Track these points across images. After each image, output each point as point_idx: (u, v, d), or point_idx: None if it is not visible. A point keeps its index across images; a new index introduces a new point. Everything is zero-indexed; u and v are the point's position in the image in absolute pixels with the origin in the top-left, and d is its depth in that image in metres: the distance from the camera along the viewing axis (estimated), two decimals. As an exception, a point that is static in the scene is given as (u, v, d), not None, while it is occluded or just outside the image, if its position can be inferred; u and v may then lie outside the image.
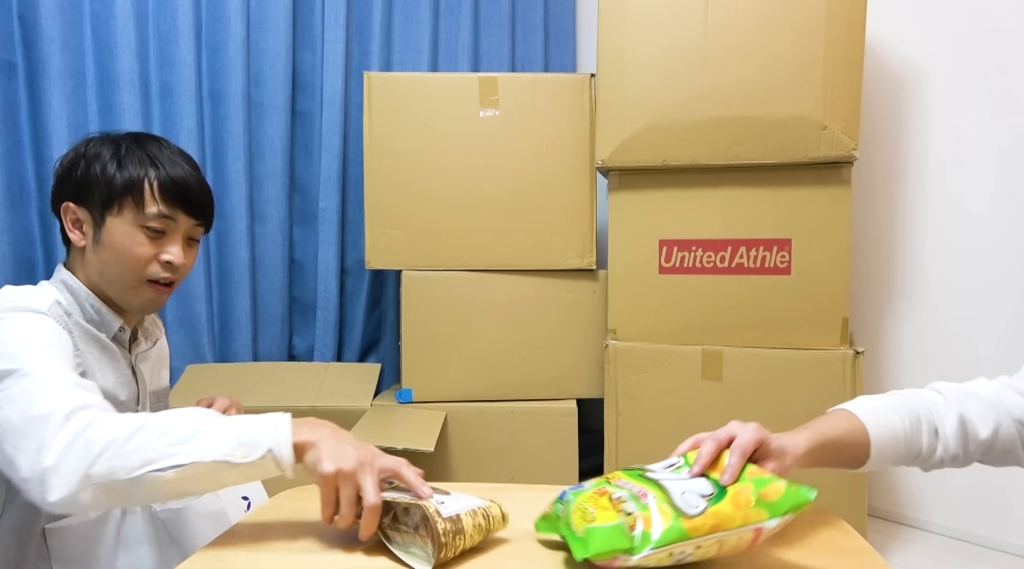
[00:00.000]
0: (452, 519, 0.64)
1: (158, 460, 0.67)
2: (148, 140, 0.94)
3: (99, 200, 0.89)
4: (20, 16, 1.37)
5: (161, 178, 0.90)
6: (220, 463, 0.68)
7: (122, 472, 0.67)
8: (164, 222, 0.91)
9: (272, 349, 1.81)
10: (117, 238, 0.89)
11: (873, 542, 0.78)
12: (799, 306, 1.43)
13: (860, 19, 1.36)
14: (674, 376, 1.50)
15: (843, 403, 0.80)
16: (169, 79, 1.58)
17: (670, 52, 1.45)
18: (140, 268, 0.90)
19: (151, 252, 0.90)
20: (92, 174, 0.89)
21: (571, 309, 1.68)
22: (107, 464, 0.67)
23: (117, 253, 0.89)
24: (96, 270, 0.91)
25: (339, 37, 1.80)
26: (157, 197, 0.90)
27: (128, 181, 0.89)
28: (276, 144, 1.75)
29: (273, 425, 0.71)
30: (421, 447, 1.38)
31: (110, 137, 0.93)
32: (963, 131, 1.50)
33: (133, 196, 0.89)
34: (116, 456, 0.67)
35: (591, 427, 1.76)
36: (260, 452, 0.69)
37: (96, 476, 0.67)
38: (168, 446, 0.68)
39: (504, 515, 0.70)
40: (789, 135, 1.39)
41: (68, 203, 0.91)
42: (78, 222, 0.91)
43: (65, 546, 0.82)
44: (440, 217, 1.65)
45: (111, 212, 0.89)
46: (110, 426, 0.69)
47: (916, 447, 0.77)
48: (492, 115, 1.65)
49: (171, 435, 0.69)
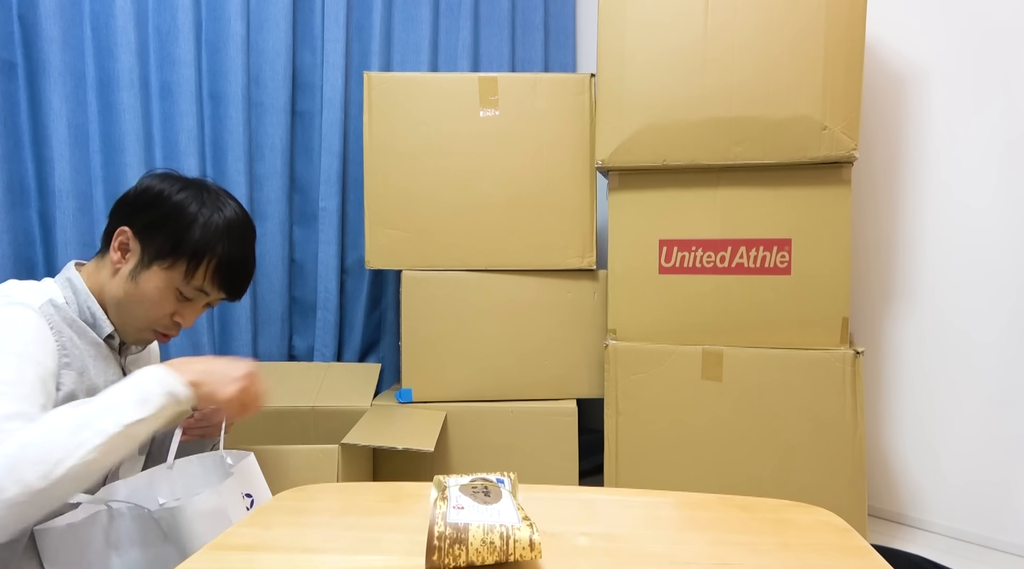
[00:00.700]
0: (456, 527, 0.63)
1: (81, 447, 0.73)
2: (226, 204, 0.96)
3: (159, 248, 0.92)
4: (20, 16, 1.37)
5: (220, 259, 0.93)
6: (129, 425, 0.75)
7: (49, 474, 0.70)
8: (197, 295, 0.95)
9: (272, 349, 1.81)
10: (150, 287, 0.92)
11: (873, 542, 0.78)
12: (799, 306, 1.43)
13: (860, 19, 1.36)
14: (674, 376, 1.50)
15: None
16: (169, 79, 1.58)
17: (670, 52, 1.45)
18: (153, 319, 0.94)
19: (171, 311, 0.95)
20: (167, 223, 0.92)
21: (571, 309, 1.68)
22: (30, 470, 0.70)
23: (143, 299, 0.92)
24: (115, 294, 0.93)
25: (339, 37, 1.80)
26: (207, 275, 0.94)
27: (194, 250, 0.92)
28: (276, 144, 1.75)
29: (156, 377, 0.79)
30: (421, 447, 1.38)
31: (196, 188, 0.95)
32: (963, 131, 1.50)
33: (189, 264, 0.92)
34: (36, 461, 0.70)
35: (591, 427, 1.77)
36: (159, 400, 0.77)
37: (28, 485, 0.69)
38: (77, 437, 0.73)
39: (533, 544, 0.64)
40: (789, 135, 1.39)
41: (128, 229, 0.93)
42: (125, 248, 0.93)
43: (55, 548, 0.82)
44: (440, 217, 1.65)
45: (162, 264, 0.92)
46: (19, 440, 0.71)
47: None
48: (492, 115, 1.65)
49: (75, 421, 0.74)
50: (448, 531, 0.63)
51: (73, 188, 1.44)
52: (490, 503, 0.68)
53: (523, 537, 0.64)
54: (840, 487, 1.40)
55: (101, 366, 0.93)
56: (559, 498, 0.87)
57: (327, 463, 1.35)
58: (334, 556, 0.68)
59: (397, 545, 0.70)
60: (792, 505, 0.87)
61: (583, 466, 1.66)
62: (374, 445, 1.41)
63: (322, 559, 0.67)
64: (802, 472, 1.43)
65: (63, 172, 1.42)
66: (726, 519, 0.81)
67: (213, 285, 0.95)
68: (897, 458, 1.63)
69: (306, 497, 0.85)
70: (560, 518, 0.78)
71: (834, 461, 1.41)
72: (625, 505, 0.84)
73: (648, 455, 1.51)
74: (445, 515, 0.64)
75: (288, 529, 0.75)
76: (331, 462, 1.35)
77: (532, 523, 0.66)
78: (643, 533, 0.76)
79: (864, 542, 0.75)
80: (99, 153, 1.48)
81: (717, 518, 0.81)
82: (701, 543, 0.71)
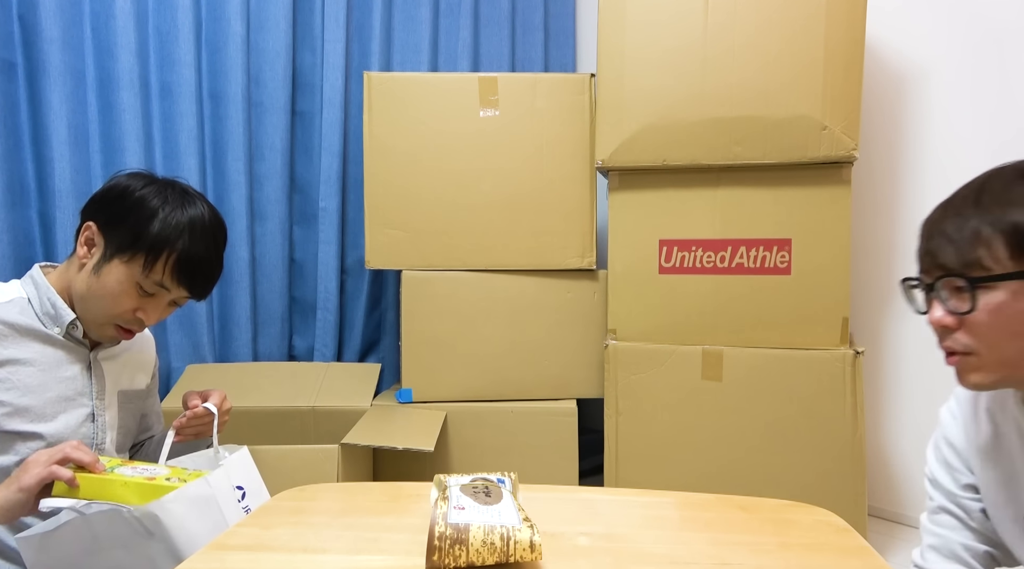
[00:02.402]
0: (457, 527, 0.63)
1: None
2: (191, 203, 0.97)
3: (119, 241, 0.93)
4: (20, 16, 1.37)
5: (180, 255, 0.93)
6: None
7: None
8: (158, 289, 0.95)
9: (272, 349, 1.81)
10: (111, 280, 0.93)
11: (873, 542, 0.78)
12: (799, 306, 1.43)
13: (860, 19, 1.36)
14: (674, 376, 1.50)
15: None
16: (169, 79, 1.58)
17: (670, 52, 1.45)
18: (115, 314, 0.94)
19: (132, 306, 0.94)
20: (128, 217, 0.93)
21: (571, 309, 1.68)
22: None
23: (104, 292, 0.93)
24: (79, 291, 0.95)
25: (339, 37, 1.80)
26: (168, 268, 0.94)
27: (153, 243, 0.92)
28: (276, 144, 1.75)
29: None
30: (421, 447, 1.38)
31: (161, 185, 0.96)
32: (963, 131, 1.50)
33: (148, 256, 0.92)
34: None
35: (591, 427, 1.77)
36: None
37: None
38: None
39: (534, 545, 0.64)
40: (789, 135, 1.39)
41: (93, 224, 0.95)
42: (91, 243, 0.95)
43: (37, 556, 0.82)
44: (440, 217, 1.65)
45: (123, 257, 0.93)
46: None
47: None
48: (492, 115, 1.65)
49: None
50: (449, 531, 0.63)
51: (73, 188, 1.44)
52: (491, 503, 0.68)
53: (524, 538, 0.64)
54: (840, 487, 1.40)
55: (51, 362, 0.94)
56: (559, 498, 0.87)
57: (327, 463, 1.35)
58: (334, 556, 0.68)
59: (397, 545, 0.70)
60: (792, 505, 0.87)
61: (583, 466, 1.66)
62: (374, 445, 1.41)
63: (322, 559, 0.67)
64: (802, 472, 1.43)
65: (63, 172, 1.42)
66: (726, 519, 0.81)
67: (173, 280, 0.94)
68: (897, 458, 1.63)
69: (306, 497, 0.85)
70: (560, 518, 0.78)
71: (834, 461, 1.41)
72: (625, 505, 0.84)
73: (648, 455, 1.51)
74: (446, 515, 0.64)
75: (288, 529, 0.75)
76: (331, 462, 1.35)
77: (533, 524, 0.66)
78: (643, 533, 0.76)
79: (864, 542, 0.75)
80: (99, 153, 1.48)
81: (717, 518, 0.81)
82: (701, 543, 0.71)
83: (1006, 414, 0.76)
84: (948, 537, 0.82)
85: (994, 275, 0.63)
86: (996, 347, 0.65)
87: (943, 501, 0.83)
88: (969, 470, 0.81)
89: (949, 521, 0.82)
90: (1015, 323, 0.63)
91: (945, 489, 0.83)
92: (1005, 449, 0.76)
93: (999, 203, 0.63)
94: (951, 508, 0.82)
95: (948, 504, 0.82)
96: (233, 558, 0.68)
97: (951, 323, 0.67)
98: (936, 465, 0.84)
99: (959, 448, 0.81)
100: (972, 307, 0.64)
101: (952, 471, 0.83)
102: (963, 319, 0.66)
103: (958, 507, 0.82)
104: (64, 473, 0.80)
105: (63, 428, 0.94)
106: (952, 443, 0.82)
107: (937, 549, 0.83)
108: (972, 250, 0.64)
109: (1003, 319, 0.64)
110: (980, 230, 0.63)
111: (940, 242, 0.66)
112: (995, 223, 0.63)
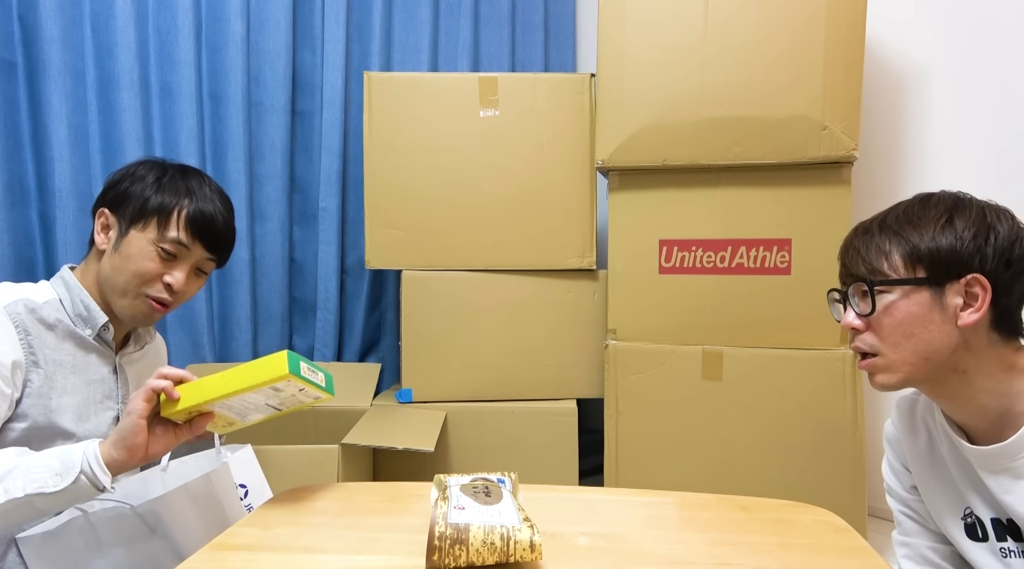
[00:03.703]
0: (457, 527, 0.63)
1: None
2: (192, 174, 1.03)
3: (130, 213, 0.97)
4: (20, 16, 1.37)
5: (190, 209, 0.98)
6: (33, 495, 0.74)
7: None
8: (179, 248, 0.98)
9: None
10: (133, 250, 0.96)
11: (873, 542, 0.78)
12: (799, 306, 1.43)
13: (860, 19, 1.36)
14: (674, 376, 1.50)
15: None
16: (169, 79, 1.58)
17: (670, 52, 1.45)
18: (143, 281, 0.96)
19: (158, 271, 0.97)
20: (132, 190, 0.98)
21: (571, 309, 1.68)
22: None
23: (128, 263, 0.95)
24: (105, 274, 0.97)
25: (339, 37, 1.80)
26: (180, 225, 0.97)
27: (160, 204, 0.97)
28: (276, 144, 1.75)
29: (81, 450, 0.77)
30: (421, 447, 1.38)
31: (160, 163, 1.02)
32: (963, 131, 1.50)
33: (159, 217, 0.96)
34: None
35: (591, 427, 1.76)
36: (72, 476, 0.75)
37: None
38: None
39: (534, 545, 0.65)
40: (789, 135, 1.39)
41: (104, 209, 0.99)
42: (106, 227, 0.98)
43: (39, 556, 0.83)
44: (440, 217, 1.65)
45: (137, 226, 0.96)
46: None
47: None
48: (492, 115, 1.65)
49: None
50: (449, 531, 0.63)
51: (73, 188, 1.44)
52: (491, 504, 0.68)
53: (524, 538, 0.64)
54: (840, 487, 1.40)
55: (83, 364, 0.94)
56: (559, 498, 0.87)
57: (327, 463, 1.35)
58: (334, 556, 0.68)
59: (397, 545, 0.70)
60: (792, 505, 0.87)
61: (583, 466, 1.66)
62: (374, 445, 1.41)
63: (322, 559, 0.67)
64: (802, 472, 1.43)
65: (63, 172, 1.42)
66: (726, 519, 0.81)
67: (189, 236, 0.98)
68: (897, 458, 1.63)
69: (306, 497, 0.85)
70: (560, 518, 0.78)
71: (834, 461, 1.41)
72: (625, 505, 0.84)
73: (648, 455, 1.51)
74: (446, 515, 0.64)
75: (288, 529, 0.75)
76: (331, 462, 1.35)
77: (533, 524, 0.66)
78: (643, 533, 0.76)
79: (864, 542, 0.75)
80: (99, 153, 1.48)
81: (717, 518, 0.81)
82: (701, 543, 0.71)
83: (935, 422, 0.86)
84: (915, 543, 0.90)
85: (890, 279, 0.76)
86: (896, 346, 0.76)
87: (900, 507, 0.93)
88: (908, 470, 0.90)
89: (912, 527, 0.91)
90: (908, 323, 0.75)
91: (898, 495, 0.92)
92: (939, 454, 0.86)
93: (899, 222, 0.78)
94: (908, 513, 0.91)
95: (904, 509, 0.92)
96: (233, 558, 0.68)
97: (860, 325, 0.79)
98: (888, 475, 0.94)
99: (899, 453, 0.91)
100: (873, 308, 0.77)
101: (898, 475, 0.92)
102: (868, 320, 0.78)
103: (912, 511, 0.91)
104: (161, 383, 0.80)
105: (94, 430, 0.95)
106: (894, 449, 0.92)
107: (910, 557, 0.90)
108: (876, 260, 0.77)
109: (897, 319, 0.76)
110: (881, 245, 0.78)
111: (852, 256, 0.80)
112: (892, 238, 0.77)
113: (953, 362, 0.75)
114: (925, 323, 0.74)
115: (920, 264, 0.75)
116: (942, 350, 0.74)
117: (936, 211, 0.77)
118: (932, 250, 0.74)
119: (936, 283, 0.74)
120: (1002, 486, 0.75)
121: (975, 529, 0.81)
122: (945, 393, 0.78)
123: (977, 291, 0.73)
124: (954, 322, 0.74)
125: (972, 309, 0.73)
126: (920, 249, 0.75)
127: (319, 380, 0.83)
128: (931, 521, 0.89)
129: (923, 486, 0.88)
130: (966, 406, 0.78)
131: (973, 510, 0.81)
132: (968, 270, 0.73)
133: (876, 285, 0.76)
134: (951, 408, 0.80)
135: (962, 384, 0.76)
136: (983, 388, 0.75)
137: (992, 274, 0.73)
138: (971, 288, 0.73)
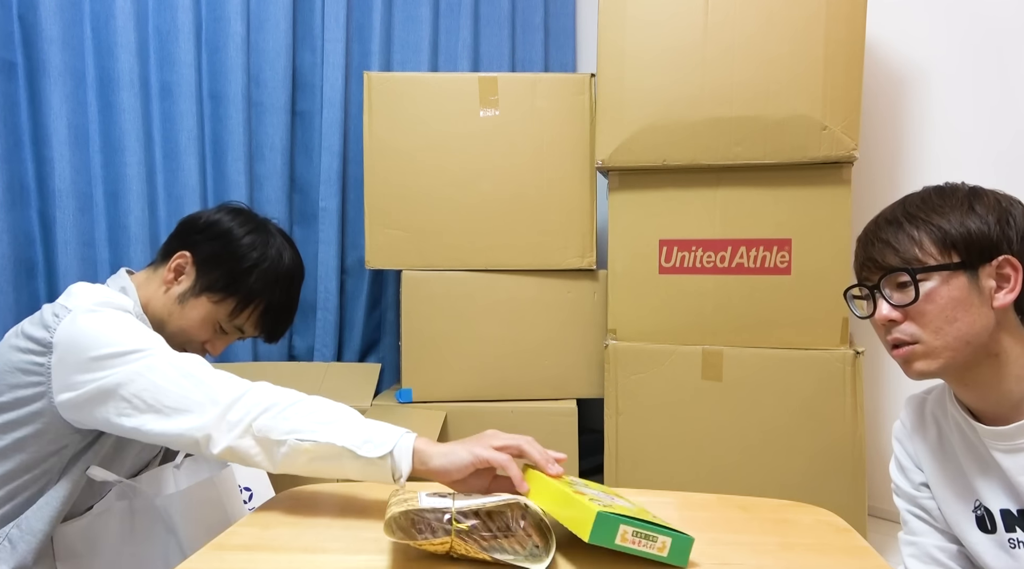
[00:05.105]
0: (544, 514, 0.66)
1: (303, 431, 0.75)
2: (286, 252, 1.00)
3: (212, 281, 0.94)
4: (20, 16, 1.37)
5: (267, 306, 0.97)
6: (346, 450, 0.74)
7: (275, 432, 0.75)
8: (235, 332, 0.98)
9: (272, 349, 1.81)
10: (195, 315, 0.94)
11: (873, 542, 0.79)
12: (799, 306, 1.43)
13: (860, 19, 1.36)
14: (674, 376, 1.50)
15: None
16: (169, 79, 1.58)
17: (670, 51, 1.45)
18: (185, 342, 0.96)
19: (206, 339, 0.97)
20: (227, 261, 0.95)
21: (571, 309, 1.68)
22: (266, 421, 0.76)
23: (183, 320, 0.94)
24: (158, 310, 0.95)
25: (339, 37, 1.80)
26: (253, 317, 0.97)
27: (246, 294, 0.95)
28: (276, 144, 1.75)
29: (400, 433, 0.77)
30: (421, 447, 1.38)
31: (263, 234, 0.98)
32: (963, 131, 1.50)
33: (237, 304, 0.95)
34: (275, 417, 0.76)
35: (591, 427, 1.76)
36: (382, 451, 0.74)
37: (256, 429, 0.75)
38: (313, 423, 0.76)
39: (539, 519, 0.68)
40: (789, 135, 1.39)
41: (189, 255, 0.95)
42: (181, 270, 0.96)
43: (70, 544, 0.83)
44: (440, 217, 1.65)
45: (212, 296, 0.94)
46: (270, 392, 0.79)
47: None
48: (492, 115, 1.65)
49: (317, 415, 0.77)
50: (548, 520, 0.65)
51: (73, 188, 1.44)
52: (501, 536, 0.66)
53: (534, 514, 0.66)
54: (840, 487, 1.40)
55: None
56: (559, 498, 0.86)
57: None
58: (334, 556, 0.68)
59: (397, 545, 0.70)
60: (792, 505, 0.87)
61: (583, 466, 1.66)
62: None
63: (322, 559, 0.67)
64: (802, 472, 1.43)
65: (63, 172, 1.42)
66: (726, 519, 0.81)
67: (254, 327, 0.98)
68: (897, 458, 1.63)
69: (306, 497, 0.85)
70: (560, 518, 0.78)
71: (834, 461, 1.41)
72: (625, 505, 0.84)
73: (648, 455, 1.51)
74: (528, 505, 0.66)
75: (288, 529, 0.75)
76: (331, 462, 1.35)
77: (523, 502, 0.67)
78: (643, 533, 0.75)
79: (864, 542, 0.75)
80: (99, 153, 1.48)
81: (717, 518, 0.81)
82: (701, 543, 0.71)
83: (947, 415, 0.86)
84: (922, 542, 0.90)
85: (929, 266, 0.75)
86: (939, 332, 0.75)
87: (908, 506, 0.92)
88: (918, 467, 0.90)
89: (919, 526, 0.91)
90: (949, 308, 0.75)
91: (906, 493, 0.92)
92: (950, 448, 0.86)
93: (924, 210, 0.78)
94: (916, 511, 0.91)
95: (912, 508, 0.92)
96: (233, 558, 0.68)
97: (897, 316, 0.77)
98: (895, 474, 0.94)
99: (909, 450, 0.91)
100: (916, 296, 0.75)
101: (906, 473, 0.92)
102: (907, 310, 0.77)
103: (920, 509, 0.90)
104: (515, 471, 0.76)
105: None
106: (903, 446, 0.92)
107: (916, 557, 0.90)
108: (908, 249, 0.77)
109: (940, 305, 0.75)
110: (912, 233, 0.77)
111: (880, 247, 0.79)
112: (922, 227, 0.77)
113: (989, 345, 0.76)
114: (966, 307, 0.74)
115: (955, 249, 0.75)
116: (982, 333, 0.75)
117: (955, 198, 0.78)
118: (964, 234, 0.75)
119: (971, 267, 0.75)
120: (1019, 466, 0.76)
121: (984, 521, 0.82)
122: (975, 379, 0.78)
123: (1008, 272, 0.74)
124: (990, 304, 0.75)
125: (1006, 290, 0.74)
126: (952, 234, 0.75)
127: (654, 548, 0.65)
128: (938, 520, 0.89)
129: (934, 482, 0.88)
130: (990, 392, 0.78)
131: (983, 502, 0.81)
132: (998, 252, 0.74)
133: (918, 273, 0.75)
134: (974, 396, 0.80)
135: (993, 369, 0.77)
136: (1012, 373, 0.76)
137: (1018, 255, 0.74)
138: (1002, 270, 0.75)
